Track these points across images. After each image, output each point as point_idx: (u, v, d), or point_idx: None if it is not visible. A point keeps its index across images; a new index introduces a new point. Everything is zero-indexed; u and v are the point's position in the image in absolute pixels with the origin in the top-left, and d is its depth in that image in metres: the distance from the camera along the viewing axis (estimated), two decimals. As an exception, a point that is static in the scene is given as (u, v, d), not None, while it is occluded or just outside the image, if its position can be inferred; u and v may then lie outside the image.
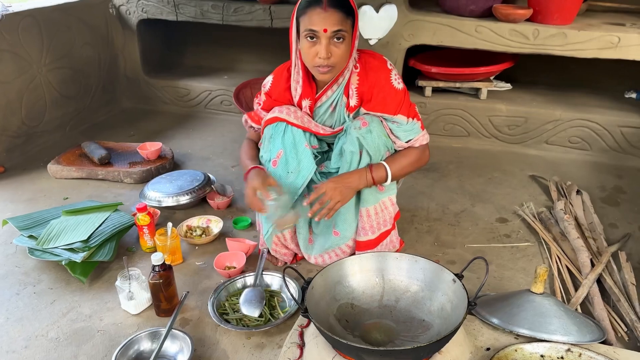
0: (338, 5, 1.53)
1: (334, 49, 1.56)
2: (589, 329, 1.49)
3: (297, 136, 1.72)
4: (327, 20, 1.52)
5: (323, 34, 1.53)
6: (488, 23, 2.67)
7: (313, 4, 1.53)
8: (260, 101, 1.87)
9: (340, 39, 1.55)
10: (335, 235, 1.81)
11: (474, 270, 1.86)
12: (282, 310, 1.68)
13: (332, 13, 1.52)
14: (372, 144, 1.66)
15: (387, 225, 1.83)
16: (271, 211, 1.63)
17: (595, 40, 2.55)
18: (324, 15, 1.52)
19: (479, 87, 2.94)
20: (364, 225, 1.79)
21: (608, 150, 2.77)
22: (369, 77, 1.68)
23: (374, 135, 1.66)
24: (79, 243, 1.89)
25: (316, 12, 1.53)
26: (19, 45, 2.72)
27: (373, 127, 1.66)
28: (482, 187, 2.52)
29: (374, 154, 1.68)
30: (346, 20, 1.55)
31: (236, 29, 3.24)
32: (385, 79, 1.67)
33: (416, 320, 1.42)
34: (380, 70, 1.68)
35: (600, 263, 1.84)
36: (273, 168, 1.75)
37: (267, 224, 1.82)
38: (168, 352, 1.53)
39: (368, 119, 1.67)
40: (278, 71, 1.81)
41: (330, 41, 1.54)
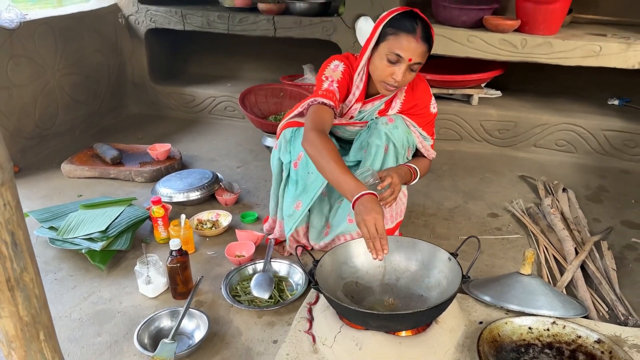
0: (427, 39, 1.65)
1: (408, 75, 1.70)
2: (573, 306, 1.63)
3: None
4: (415, 51, 1.63)
5: (406, 61, 1.65)
6: (479, 33, 2.85)
7: (407, 31, 1.63)
8: (334, 80, 1.79)
9: (415, 69, 1.69)
10: (349, 222, 1.93)
11: (466, 258, 1.99)
12: (290, 293, 1.81)
13: (421, 45, 1.63)
14: (399, 138, 1.82)
15: (401, 216, 1.99)
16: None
17: (578, 49, 2.72)
18: (415, 46, 1.62)
19: (471, 93, 3.11)
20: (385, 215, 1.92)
21: (592, 153, 2.94)
22: (414, 97, 1.86)
23: (400, 130, 1.82)
24: (97, 233, 2.01)
25: (408, 39, 1.62)
26: (34, 51, 2.85)
27: (399, 123, 1.82)
28: (474, 186, 2.67)
29: (400, 147, 1.84)
30: (428, 53, 1.69)
31: (240, 38, 3.40)
32: (426, 103, 1.89)
33: (415, 295, 1.55)
34: (425, 94, 1.88)
35: (584, 250, 1.99)
36: (294, 169, 1.89)
37: (289, 224, 1.95)
38: (186, 329, 1.65)
39: (393, 116, 1.84)
40: (346, 61, 1.83)
41: (407, 67, 1.67)
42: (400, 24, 1.64)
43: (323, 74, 1.82)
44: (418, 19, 1.65)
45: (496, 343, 1.47)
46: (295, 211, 1.93)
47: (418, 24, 1.64)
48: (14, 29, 2.67)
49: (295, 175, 1.90)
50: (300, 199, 1.91)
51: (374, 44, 1.72)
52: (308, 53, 3.46)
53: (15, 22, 2.67)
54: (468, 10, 2.89)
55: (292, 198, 1.92)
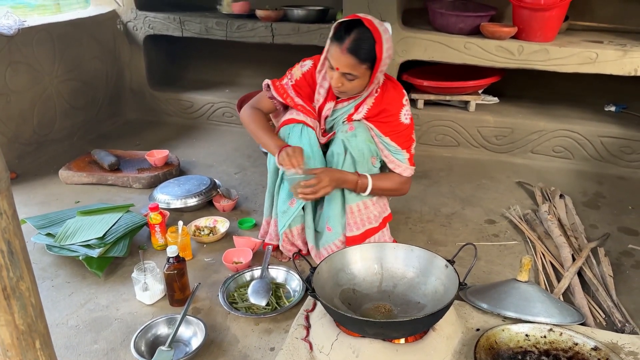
0: (354, 51, 1.64)
1: (345, 82, 1.71)
2: (570, 312, 1.64)
3: (312, 137, 1.87)
4: (340, 62, 1.67)
5: (336, 70, 1.69)
6: (476, 40, 2.86)
7: (336, 40, 1.67)
8: (292, 78, 1.92)
9: (350, 79, 1.70)
10: (328, 230, 1.96)
11: (463, 264, 1.99)
12: (287, 300, 1.81)
13: (347, 57, 1.65)
14: (356, 147, 1.81)
15: (372, 222, 1.96)
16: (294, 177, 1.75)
17: (575, 56, 2.74)
18: (339, 57, 1.66)
19: (468, 100, 3.12)
20: (349, 222, 1.93)
21: (589, 159, 2.95)
22: (382, 103, 1.83)
23: (359, 139, 1.81)
24: (94, 240, 2.01)
25: (335, 49, 1.67)
26: (32, 58, 2.86)
27: (359, 132, 1.81)
28: (471, 192, 2.68)
29: (357, 156, 1.82)
30: (359, 65, 1.66)
31: (238, 45, 3.41)
32: (395, 110, 1.83)
33: (412, 302, 1.55)
34: (394, 101, 1.84)
35: (580, 257, 1.99)
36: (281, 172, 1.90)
37: (282, 220, 1.96)
38: (183, 336, 1.65)
39: (355, 124, 1.83)
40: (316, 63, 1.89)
41: (342, 75, 1.70)
42: (335, 33, 1.68)
43: (291, 69, 1.94)
44: (355, 30, 1.65)
45: (493, 350, 1.47)
46: (289, 208, 1.93)
47: (350, 35, 1.64)
48: (12, 36, 2.67)
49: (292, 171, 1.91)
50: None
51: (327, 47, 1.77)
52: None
53: (14, 28, 2.68)
54: (465, 17, 2.90)
55: (287, 194, 1.93)
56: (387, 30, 1.69)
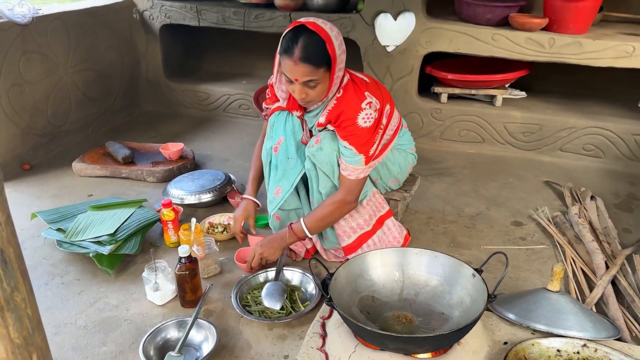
0: (307, 58, 1.57)
1: (309, 91, 1.64)
2: (604, 326, 1.52)
3: (297, 125, 1.82)
4: (297, 72, 1.59)
5: (295, 81, 1.61)
6: (504, 31, 2.73)
7: (286, 53, 1.59)
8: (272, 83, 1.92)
9: (312, 86, 1.62)
10: (325, 239, 1.94)
11: (490, 270, 1.89)
12: (303, 304, 1.73)
13: (301, 67, 1.57)
14: (323, 160, 1.73)
15: (364, 227, 1.88)
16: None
17: (610, 49, 2.59)
18: (294, 67, 1.58)
19: (494, 94, 2.99)
20: (338, 232, 1.88)
21: (622, 158, 2.80)
22: (341, 107, 1.71)
23: (325, 152, 1.72)
24: (105, 236, 1.95)
25: (288, 62, 1.59)
26: (47, 47, 2.81)
27: (324, 144, 1.72)
28: (496, 191, 2.56)
29: (327, 170, 1.74)
30: (316, 70, 1.58)
31: (255, 35, 3.32)
32: (352, 114, 1.69)
33: (435, 313, 1.46)
34: (351, 103, 1.70)
35: (614, 265, 1.87)
36: (274, 154, 1.85)
37: (269, 209, 1.93)
38: (194, 340, 1.58)
39: (322, 135, 1.74)
40: None
41: (303, 85, 1.62)
42: (282, 46, 1.61)
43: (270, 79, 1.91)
44: (301, 36, 1.57)
45: (522, 366, 1.37)
46: (275, 197, 1.89)
47: (298, 43, 1.56)
48: (26, 24, 2.62)
49: (276, 160, 1.86)
50: (280, 184, 1.86)
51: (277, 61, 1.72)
52: (325, 51, 3.36)
53: (28, 17, 2.62)
54: (493, 8, 2.76)
55: (273, 183, 1.88)
56: (332, 28, 1.63)
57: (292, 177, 1.84)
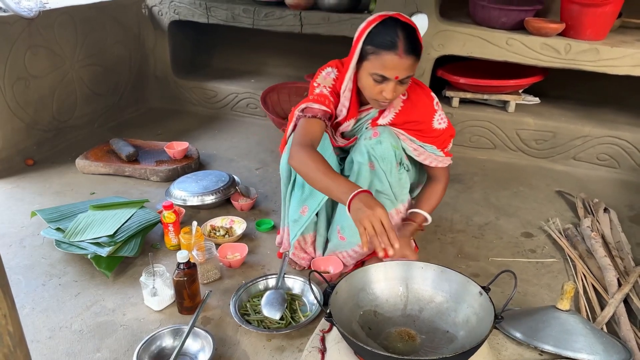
0: (412, 50, 1.49)
1: (399, 89, 1.56)
2: (616, 349, 1.46)
3: (326, 142, 1.72)
4: (400, 68, 1.49)
5: (393, 79, 1.51)
6: (519, 36, 2.65)
7: (388, 48, 1.48)
8: (326, 87, 1.72)
9: (406, 82, 1.55)
10: (341, 239, 1.82)
11: (498, 284, 1.83)
12: (304, 314, 1.68)
13: (407, 60, 1.48)
14: (381, 155, 1.66)
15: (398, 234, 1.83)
16: None
17: (628, 57, 2.51)
18: (398, 62, 1.48)
19: (507, 99, 2.92)
20: None
21: (637, 169, 2.72)
22: (413, 113, 1.68)
23: (384, 146, 1.65)
24: (105, 237, 1.91)
25: (390, 57, 1.48)
26: (54, 42, 2.77)
27: (384, 137, 1.65)
28: (507, 200, 2.50)
29: (383, 165, 1.67)
30: (416, 63, 1.53)
31: (265, 34, 3.27)
32: (428, 118, 1.70)
33: (440, 331, 1.40)
34: (426, 109, 1.70)
35: (627, 283, 1.80)
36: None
37: (294, 229, 1.82)
38: (190, 350, 1.54)
39: (380, 129, 1.67)
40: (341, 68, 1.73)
41: (396, 83, 1.53)
42: (380, 41, 1.49)
43: (315, 80, 1.74)
44: (399, 27, 1.48)
45: (529, 390, 1.32)
46: (300, 216, 1.79)
47: (399, 35, 1.47)
48: (32, 18, 2.58)
49: (302, 179, 1.76)
50: (307, 203, 1.77)
51: (356, 60, 1.58)
52: (335, 51, 3.27)
53: (35, 10, 2.59)
54: (508, 11, 2.69)
55: (298, 202, 1.79)
56: None
57: (319, 196, 1.73)
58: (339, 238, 1.82)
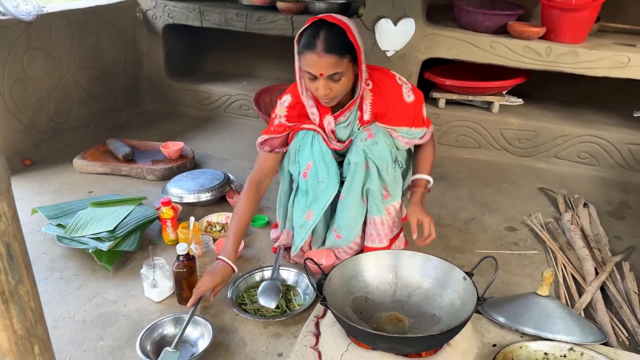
0: (331, 49, 1.55)
1: (333, 85, 1.61)
2: (592, 331, 1.56)
3: (324, 148, 1.80)
4: (321, 65, 1.56)
5: (320, 77, 1.59)
6: (502, 39, 2.76)
7: (307, 48, 1.57)
8: (282, 117, 1.85)
9: (338, 79, 1.61)
10: (337, 238, 1.91)
11: (481, 273, 1.93)
12: (298, 303, 1.76)
13: (326, 58, 1.55)
14: (378, 154, 1.74)
15: (395, 230, 1.93)
16: None
17: (605, 59, 2.63)
18: (318, 61, 1.55)
19: (492, 100, 3.03)
20: (371, 232, 1.88)
21: (615, 167, 2.84)
22: (382, 95, 1.75)
23: (380, 146, 1.74)
24: (105, 233, 1.98)
25: (310, 56, 1.56)
26: (51, 45, 2.84)
27: (379, 138, 1.74)
28: (491, 197, 2.60)
29: (380, 164, 1.76)
30: (341, 60, 1.57)
31: (257, 37, 3.35)
32: (398, 96, 1.76)
33: (427, 314, 1.49)
34: (392, 87, 1.77)
35: (604, 271, 1.91)
36: (304, 180, 1.84)
37: (301, 234, 1.91)
38: (190, 337, 1.61)
39: (374, 130, 1.75)
40: (294, 92, 1.82)
41: (328, 80, 1.60)
42: (302, 42, 1.60)
43: (274, 112, 1.88)
44: (323, 28, 1.57)
45: (510, 368, 1.41)
46: (307, 221, 1.88)
47: (319, 36, 1.55)
48: (30, 22, 2.65)
49: (305, 185, 1.85)
50: (311, 208, 1.86)
51: (298, 67, 1.68)
52: (326, 54, 3.40)
53: (32, 14, 2.65)
54: (492, 16, 2.81)
55: (303, 208, 1.88)
56: (349, 20, 1.62)
57: (323, 200, 1.83)
58: (336, 237, 1.91)
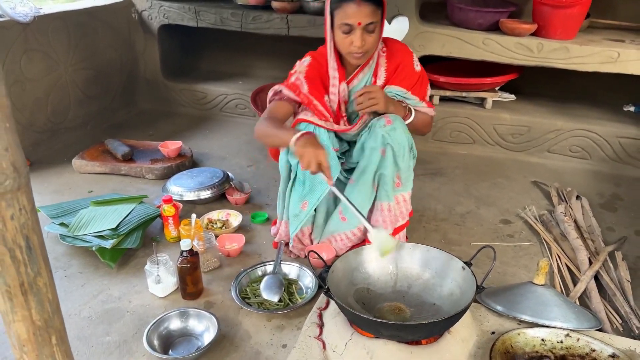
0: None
1: (367, 38, 1.72)
2: (587, 317, 1.61)
3: (324, 138, 1.84)
4: (360, 14, 1.67)
5: (357, 27, 1.69)
6: (495, 36, 2.81)
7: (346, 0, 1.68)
8: (301, 72, 1.89)
9: (372, 30, 1.72)
10: (342, 220, 1.93)
11: (478, 265, 1.96)
12: (300, 297, 1.80)
13: (365, 7, 1.67)
14: (397, 140, 1.79)
15: (400, 220, 1.96)
16: None
17: (596, 55, 2.69)
18: (358, 10, 1.67)
19: (485, 97, 3.08)
20: (377, 218, 1.91)
21: (607, 160, 2.90)
22: (395, 58, 1.88)
23: (398, 132, 1.79)
24: (108, 231, 2.01)
25: (350, 6, 1.68)
26: (48, 46, 2.85)
27: (397, 124, 1.80)
28: (486, 191, 2.65)
29: (397, 150, 1.81)
30: (377, 11, 1.71)
31: (252, 36, 3.38)
32: (409, 61, 1.90)
33: (427, 304, 1.54)
34: (405, 52, 1.90)
35: (597, 261, 1.96)
36: (302, 170, 1.86)
37: (294, 223, 1.94)
38: (195, 330, 1.64)
39: (392, 117, 1.81)
40: (315, 54, 1.92)
41: (363, 31, 1.71)
42: None
43: (293, 68, 1.93)
44: None
45: (509, 354, 1.46)
46: (301, 211, 1.92)
47: None
48: (28, 23, 2.67)
49: (303, 176, 1.89)
50: (307, 198, 1.90)
51: (329, 26, 1.78)
52: (321, 52, 3.44)
53: (30, 16, 2.67)
54: (484, 13, 2.85)
55: (299, 198, 1.91)
56: None
57: (319, 192, 1.86)
58: (341, 219, 1.93)
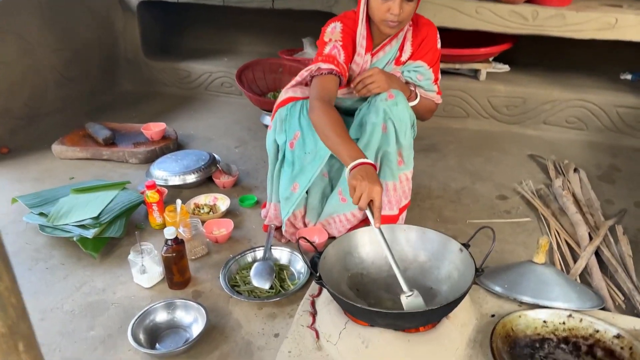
0: None
1: (405, 6, 1.64)
2: (589, 296, 1.55)
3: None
4: None
5: None
6: (488, 4, 2.70)
7: None
8: (337, 41, 1.74)
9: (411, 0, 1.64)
10: (342, 201, 1.85)
11: (476, 244, 1.89)
12: (292, 283, 1.73)
13: None
14: (398, 116, 1.71)
15: (404, 200, 1.91)
16: None
17: (593, 21, 2.59)
18: None
19: (478, 68, 2.98)
20: (383, 199, 1.81)
21: (604, 130, 2.83)
22: (421, 33, 1.82)
23: (400, 107, 1.71)
24: (89, 220, 1.92)
25: None
26: (21, 27, 2.71)
27: (399, 99, 1.71)
28: (481, 166, 2.57)
29: (399, 126, 1.72)
30: None
31: (235, 11, 3.25)
32: (433, 36, 1.85)
33: (424, 288, 1.47)
34: (430, 27, 1.85)
35: (598, 236, 1.90)
36: (290, 150, 1.79)
37: (286, 207, 1.86)
38: (183, 322, 1.58)
39: (394, 92, 1.72)
40: (345, 19, 1.79)
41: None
42: None
43: (323, 38, 1.79)
44: None
45: (510, 338, 1.40)
46: (292, 193, 1.83)
47: None
48: (-3, 3, 2.52)
49: (292, 156, 1.80)
50: (297, 180, 1.81)
51: None
52: (308, 26, 3.30)
53: (-2, -5, 2.53)
54: (476, -20, 2.74)
55: (289, 180, 1.82)
56: None
57: (309, 172, 1.78)
58: (341, 200, 1.84)
